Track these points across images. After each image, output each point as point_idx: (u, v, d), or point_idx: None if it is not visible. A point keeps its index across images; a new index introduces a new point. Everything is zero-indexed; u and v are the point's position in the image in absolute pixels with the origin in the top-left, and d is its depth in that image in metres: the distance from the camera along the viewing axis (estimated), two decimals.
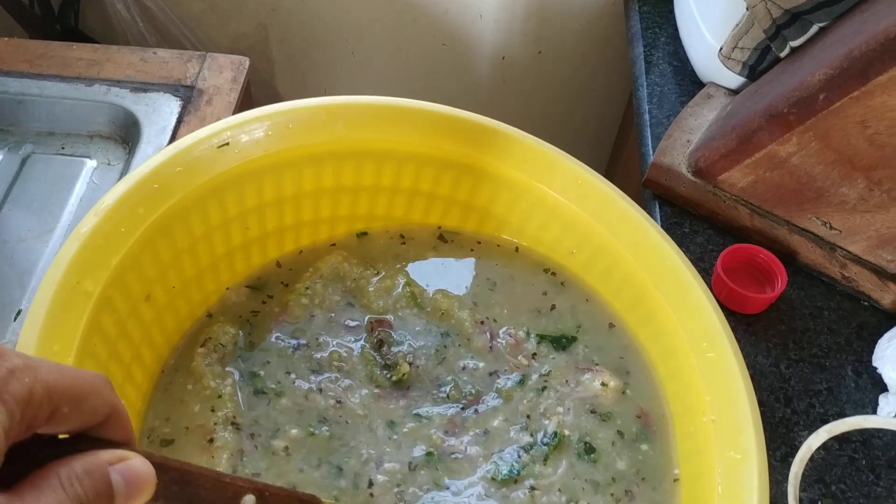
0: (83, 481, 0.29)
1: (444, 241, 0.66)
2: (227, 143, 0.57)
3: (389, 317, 0.60)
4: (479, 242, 0.66)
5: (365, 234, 0.66)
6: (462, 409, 0.55)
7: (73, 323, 0.46)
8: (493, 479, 0.53)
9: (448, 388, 0.56)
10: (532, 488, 0.52)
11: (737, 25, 0.70)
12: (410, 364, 0.57)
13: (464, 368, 0.58)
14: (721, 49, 0.73)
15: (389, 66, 1.11)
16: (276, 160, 0.59)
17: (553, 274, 0.64)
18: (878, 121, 0.56)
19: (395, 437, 0.54)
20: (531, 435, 0.55)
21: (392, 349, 0.58)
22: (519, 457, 0.54)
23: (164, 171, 0.54)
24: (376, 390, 0.56)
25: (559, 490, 0.52)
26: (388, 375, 0.56)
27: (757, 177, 0.65)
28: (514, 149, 0.62)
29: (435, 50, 1.08)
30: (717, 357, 0.54)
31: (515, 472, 0.53)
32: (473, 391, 0.56)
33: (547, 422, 0.55)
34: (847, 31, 0.59)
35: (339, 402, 0.55)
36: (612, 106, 1.11)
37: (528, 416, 0.56)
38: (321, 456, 0.52)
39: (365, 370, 0.56)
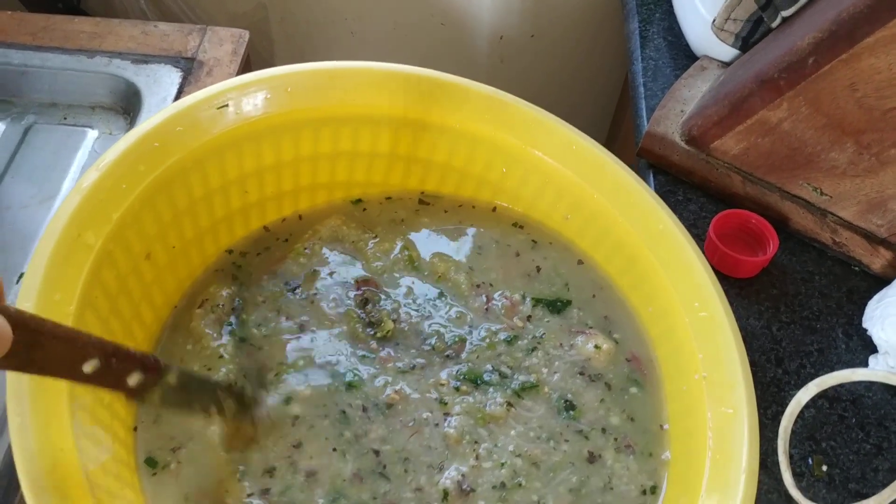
0: None
1: (439, 209, 0.66)
2: (227, 105, 0.57)
3: (375, 277, 0.61)
4: (474, 208, 0.66)
5: (360, 201, 0.66)
6: (446, 357, 0.56)
7: (74, 273, 0.47)
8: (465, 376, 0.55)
9: (433, 340, 0.57)
10: (508, 404, 0.54)
11: None
12: (395, 321, 0.58)
13: (454, 318, 0.59)
14: (714, 21, 0.74)
15: (388, 44, 1.12)
16: (275, 123, 0.60)
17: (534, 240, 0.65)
18: (866, 84, 0.57)
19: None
20: (505, 377, 0.56)
21: (378, 306, 0.59)
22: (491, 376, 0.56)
23: (165, 129, 0.55)
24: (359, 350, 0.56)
25: (539, 427, 0.54)
26: (373, 332, 0.57)
27: (749, 143, 0.66)
28: (510, 114, 0.63)
29: (433, 29, 1.09)
30: (709, 316, 0.55)
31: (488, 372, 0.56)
32: (457, 339, 0.57)
33: (526, 377, 0.56)
34: None
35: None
36: (610, 83, 1.12)
37: (510, 367, 0.57)
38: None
39: (348, 327, 0.57)
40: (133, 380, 0.42)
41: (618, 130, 1.10)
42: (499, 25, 1.07)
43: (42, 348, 0.36)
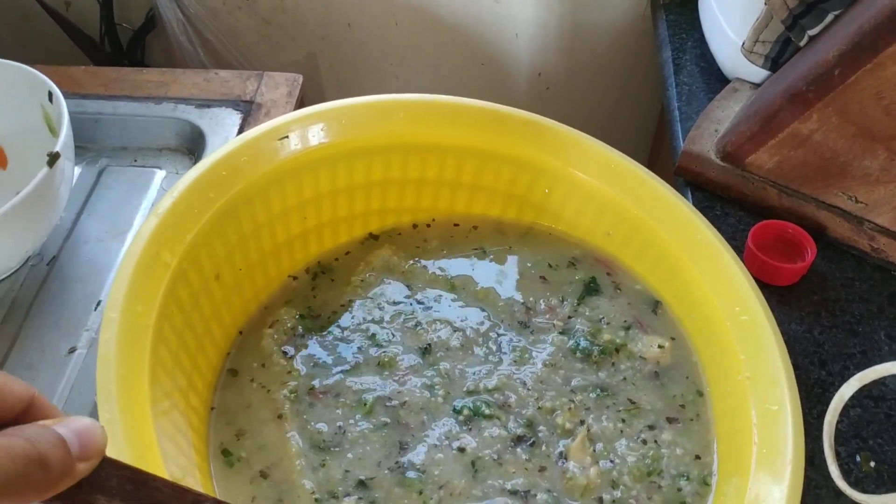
0: (33, 434, 0.28)
1: (488, 230, 0.70)
2: (287, 137, 0.62)
3: (425, 302, 0.64)
4: (522, 232, 0.69)
5: (415, 226, 0.70)
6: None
7: (153, 288, 0.52)
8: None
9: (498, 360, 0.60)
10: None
11: (757, 20, 0.74)
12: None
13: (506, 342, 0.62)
14: (743, 44, 0.77)
15: (432, 86, 1.17)
16: (330, 153, 0.64)
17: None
18: (892, 91, 0.59)
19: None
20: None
21: (429, 329, 0.62)
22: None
23: (232, 159, 0.59)
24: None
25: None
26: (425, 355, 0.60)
27: (782, 156, 0.69)
28: (548, 137, 0.67)
29: (475, 69, 1.14)
30: (750, 319, 0.56)
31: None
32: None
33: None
34: (858, 10, 0.63)
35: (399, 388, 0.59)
36: (648, 111, 1.16)
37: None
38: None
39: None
40: None
41: (657, 156, 1.13)
42: (537, 62, 1.12)
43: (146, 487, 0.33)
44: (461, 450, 0.55)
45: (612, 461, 0.54)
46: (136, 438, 0.45)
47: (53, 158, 0.64)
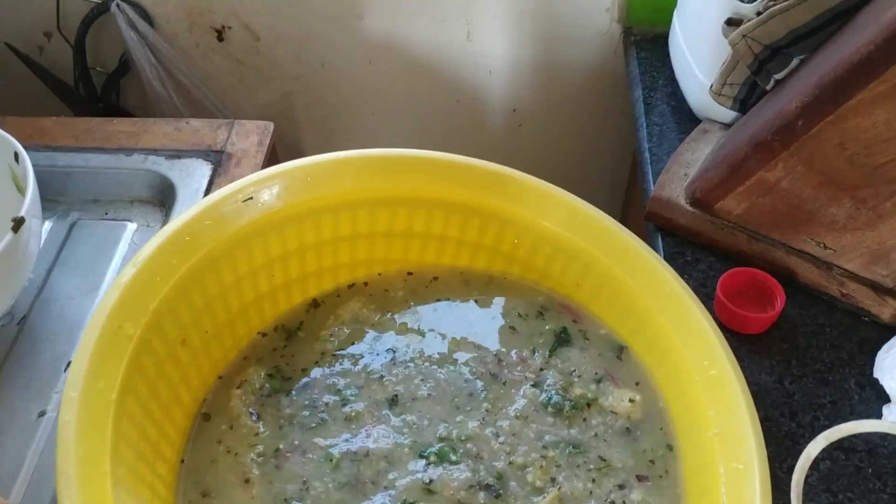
0: None
1: (455, 281, 0.70)
2: (251, 198, 0.62)
3: (396, 352, 0.64)
4: (489, 281, 0.69)
5: (384, 278, 0.70)
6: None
7: (115, 363, 0.51)
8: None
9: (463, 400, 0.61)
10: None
11: (724, 62, 0.75)
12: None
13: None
14: (712, 86, 0.77)
15: (408, 123, 1.17)
16: (296, 211, 0.64)
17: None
18: (855, 142, 0.60)
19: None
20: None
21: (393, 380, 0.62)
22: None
23: (194, 225, 0.59)
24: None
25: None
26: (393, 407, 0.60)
27: (750, 203, 0.69)
28: (517, 189, 0.67)
29: (450, 106, 1.14)
30: (718, 374, 0.56)
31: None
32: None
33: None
34: (819, 61, 0.63)
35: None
36: (624, 150, 1.16)
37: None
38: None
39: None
40: None
41: (632, 194, 1.13)
42: (512, 98, 1.12)
43: None
44: (427, 488, 0.55)
45: None
46: None
47: (18, 224, 0.64)
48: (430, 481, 0.55)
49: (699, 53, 0.82)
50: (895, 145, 0.59)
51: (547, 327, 0.66)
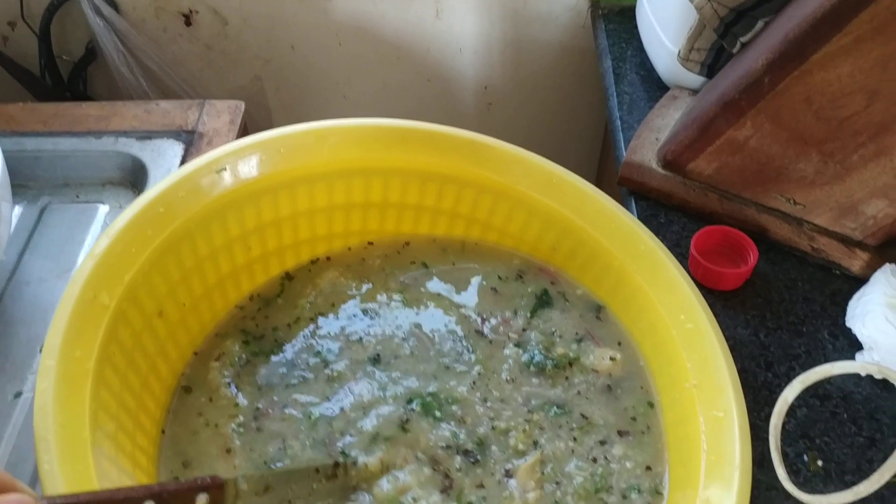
0: None
1: (433, 249, 0.70)
2: (225, 169, 0.62)
3: (375, 319, 0.64)
4: (466, 248, 0.70)
5: (362, 247, 0.70)
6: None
7: (92, 332, 0.51)
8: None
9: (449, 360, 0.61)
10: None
11: (690, 28, 0.76)
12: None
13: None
14: (679, 52, 0.78)
15: (379, 103, 1.17)
16: (272, 182, 0.64)
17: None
18: (821, 96, 0.61)
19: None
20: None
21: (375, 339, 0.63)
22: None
23: (169, 196, 0.59)
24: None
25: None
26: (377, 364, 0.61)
27: (721, 163, 0.70)
28: (491, 156, 0.67)
29: (420, 85, 1.14)
30: (695, 327, 0.57)
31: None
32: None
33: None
34: (783, 20, 0.64)
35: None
36: (594, 120, 1.17)
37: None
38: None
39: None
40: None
41: (605, 166, 1.14)
42: (482, 76, 1.13)
43: None
44: (404, 427, 0.56)
45: (556, 482, 0.55)
46: (78, 489, 0.44)
47: None
48: (408, 420, 0.56)
49: (666, 21, 0.83)
50: (859, 98, 0.60)
51: (529, 289, 0.66)
